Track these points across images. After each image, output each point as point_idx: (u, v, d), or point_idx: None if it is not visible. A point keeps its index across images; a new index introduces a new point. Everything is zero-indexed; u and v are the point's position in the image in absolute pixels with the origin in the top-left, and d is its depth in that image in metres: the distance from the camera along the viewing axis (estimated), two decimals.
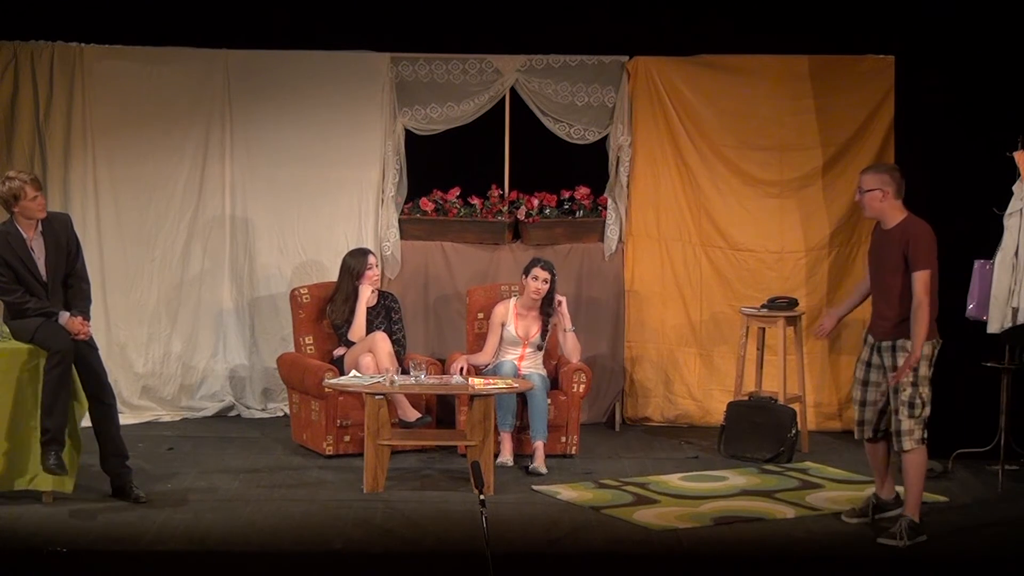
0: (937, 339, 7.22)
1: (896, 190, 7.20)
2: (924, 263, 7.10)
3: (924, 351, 7.12)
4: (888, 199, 7.20)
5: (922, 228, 7.18)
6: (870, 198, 7.24)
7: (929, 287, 7.11)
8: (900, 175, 7.27)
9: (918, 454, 7.17)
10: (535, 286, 8.83)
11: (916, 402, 7.14)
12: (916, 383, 7.13)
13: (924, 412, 7.15)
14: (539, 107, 9.88)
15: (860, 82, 9.77)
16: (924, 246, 7.12)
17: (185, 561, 6.76)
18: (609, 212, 9.89)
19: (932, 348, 7.18)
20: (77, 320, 7.53)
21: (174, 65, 9.80)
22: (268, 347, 9.94)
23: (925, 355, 7.14)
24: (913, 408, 7.14)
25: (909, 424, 7.14)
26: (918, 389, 7.13)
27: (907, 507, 7.21)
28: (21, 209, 7.46)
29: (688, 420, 9.95)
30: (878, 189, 7.21)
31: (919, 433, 7.15)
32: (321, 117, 9.87)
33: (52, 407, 7.42)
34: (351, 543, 6.99)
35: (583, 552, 7.00)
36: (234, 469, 8.43)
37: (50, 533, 6.99)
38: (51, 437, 7.40)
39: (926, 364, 7.16)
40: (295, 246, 9.98)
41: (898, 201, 7.22)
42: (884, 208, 7.22)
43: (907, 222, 7.20)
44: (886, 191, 7.19)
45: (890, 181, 7.20)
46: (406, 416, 8.64)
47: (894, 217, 7.22)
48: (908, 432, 7.14)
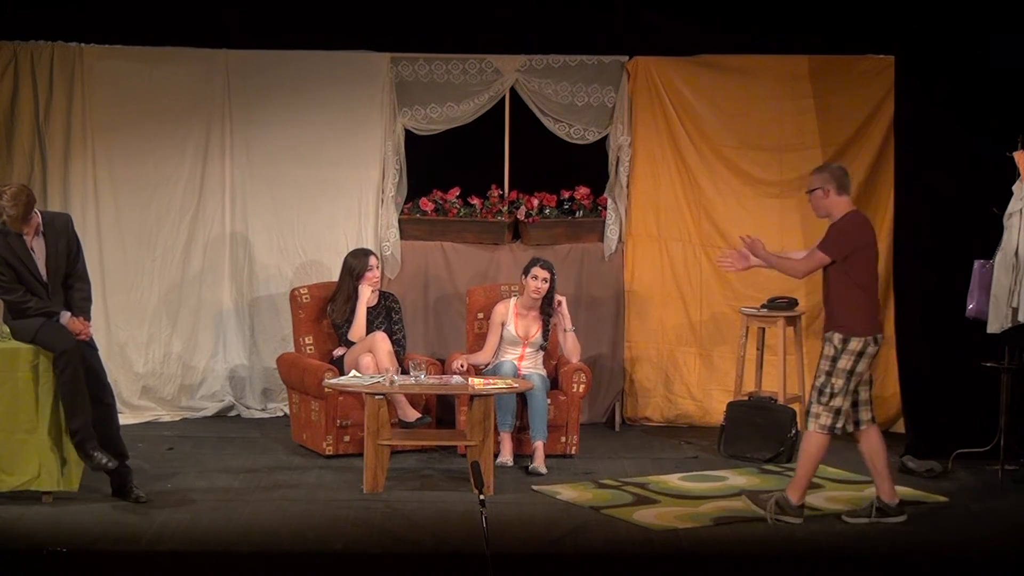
0: (873, 338, 7.34)
1: (837, 187, 7.41)
2: (825, 244, 7.33)
3: (851, 345, 7.29)
4: (831, 196, 7.41)
5: (847, 220, 7.38)
6: (814, 197, 7.48)
7: (813, 264, 7.37)
8: (842, 172, 7.48)
9: (819, 438, 7.36)
10: (535, 285, 8.83)
11: (825, 390, 7.33)
12: (831, 372, 7.32)
13: (834, 402, 7.32)
14: (539, 107, 9.88)
15: (860, 82, 9.77)
16: (836, 231, 7.34)
17: (185, 561, 6.76)
18: (609, 212, 9.89)
19: (862, 344, 7.31)
20: (78, 320, 7.54)
21: (174, 65, 9.80)
22: (268, 347, 9.94)
23: (850, 349, 7.30)
24: (822, 395, 7.35)
25: (816, 408, 7.37)
26: (831, 379, 7.32)
27: (789, 486, 7.43)
28: None
29: (688, 420, 9.95)
30: (820, 188, 7.43)
31: (825, 419, 7.33)
32: (321, 117, 9.88)
33: (73, 408, 7.43)
34: (351, 543, 6.99)
35: (583, 552, 7.00)
36: (234, 469, 8.43)
37: (50, 533, 6.99)
38: (82, 437, 7.44)
39: (848, 358, 7.31)
40: (295, 246, 9.98)
41: (842, 198, 7.43)
42: (828, 205, 7.44)
43: (842, 216, 7.41)
44: (827, 189, 7.41)
45: (830, 179, 7.42)
46: (406, 416, 8.64)
47: (839, 213, 7.43)
48: (815, 416, 7.38)
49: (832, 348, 7.33)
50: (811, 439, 7.39)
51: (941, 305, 8.74)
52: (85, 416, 7.46)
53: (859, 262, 7.34)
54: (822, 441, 7.38)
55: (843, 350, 7.30)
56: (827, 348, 7.36)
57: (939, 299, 8.77)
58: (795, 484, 7.43)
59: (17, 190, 7.41)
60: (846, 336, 7.30)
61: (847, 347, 7.29)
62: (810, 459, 7.40)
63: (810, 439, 7.40)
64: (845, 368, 7.31)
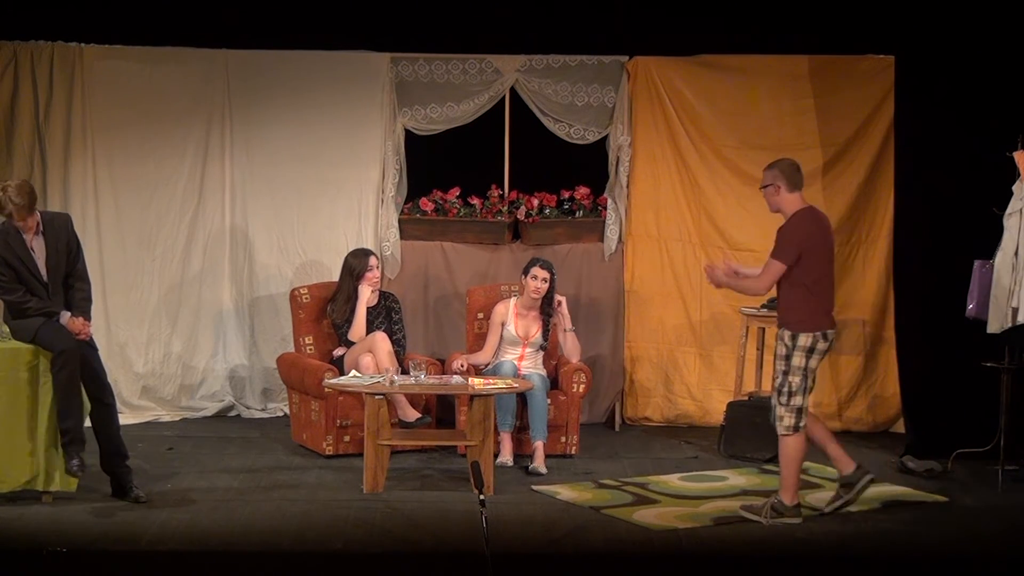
0: (822, 333, 7.36)
1: (788, 184, 7.43)
2: (776, 252, 7.34)
3: (800, 342, 7.31)
4: (782, 193, 7.43)
5: (794, 222, 7.39)
6: (766, 193, 7.51)
7: (771, 275, 7.35)
8: (793, 168, 7.48)
9: (791, 440, 7.38)
10: (534, 285, 8.83)
11: (783, 389, 7.35)
12: (787, 371, 7.35)
13: (795, 400, 7.33)
14: (539, 107, 9.88)
15: (860, 82, 9.77)
16: (783, 237, 7.35)
17: (185, 561, 6.76)
18: (609, 212, 9.89)
19: (811, 340, 7.34)
20: (78, 320, 7.54)
21: (174, 65, 9.80)
22: (268, 347, 9.94)
23: (800, 346, 7.32)
24: (781, 395, 7.36)
25: (780, 411, 7.39)
26: (788, 377, 7.35)
27: (781, 489, 7.44)
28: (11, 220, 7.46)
29: (688, 420, 9.95)
30: (771, 184, 7.47)
31: (789, 420, 7.35)
32: (321, 117, 9.87)
33: (67, 408, 7.44)
34: (351, 543, 6.99)
35: (583, 552, 7.00)
36: (234, 469, 8.43)
37: (50, 533, 6.99)
38: (71, 438, 7.44)
39: (800, 355, 7.33)
40: (295, 246, 9.98)
41: (793, 194, 7.45)
42: (779, 202, 7.47)
43: (791, 215, 7.43)
44: (778, 185, 7.44)
45: (780, 175, 7.45)
46: (406, 416, 8.64)
47: (790, 210, 7.45)
48: (779, 418, 7.39)
49: (784, 346, 7.37)
50: (784, 444, 7.41)
51: (941, 305, 8.74)
52: (77, 418, 7.46)
53: (807, 260, 7.34)
54: (795, 442, 7.40)
55: (794, 347, 7.34)
56: (779, 347, 7.40)
57: (939, 299, 8.77)
58: (784, 487, 7.46)
59: (21, 183, 7.49)
60: (794, 332, 7.34)
61: (797, 343, 7.33)
62: (790, 462, 7.42)
63: (784, 444, 7.42)
64: (800, 366, 7.34)
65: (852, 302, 9.85)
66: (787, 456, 7.42)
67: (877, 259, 9.83)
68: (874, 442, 9.50)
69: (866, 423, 9.88)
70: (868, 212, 9.85)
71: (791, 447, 7.40)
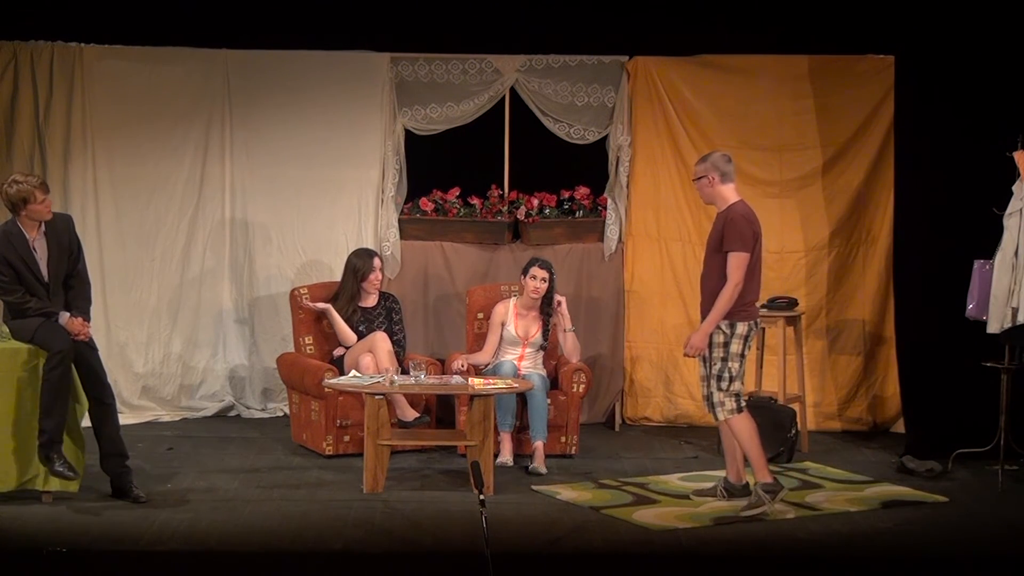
0: (755, 321, 7.59)
1: (722, 175, 7.56)
2: (735, 245, 7.43)
3: (738, 330, 7.49)
4: (715, 184, 7.56)
5: (739, 212, 7.52)
6: (699, 185, 7.64)
7: (739, 269, 7.44)
8: (726, 161, 7.61)
9: (738, 420, 7.57)
10: (533, 285, 8.83)
11: (724, 375, 7.52)
12: (726, 358, 7.52)
13: (733, 386, 7.53)
14: (539, 107, 9.88)
15: (860, 82, 9.77)
16: (736, 229, 7.45)
17: (185, 561, 6.76)
18: (609, 212, 9.89)
19: (747, 328, 7.53)
20: (77, 321, 7.54)
21: (174, 65, 9.80)
22: (268, 347, 9.94)
23: (739, 333, 7.51)
24: (720, 381, 7.53)
25: (719, 396, 7.55)
26: (727, 364, 7.52)
27: (755, 472, 7.56)
28: (28, 212, 7.47)
29: (688, 420, 9.95)
30: (704, 176, 7.59)
31: (731, 404, 7.55)
32: (321, 117, 9.88)
33: (51, 408, 7.42)
34: (351, 543, 6.99)
35: (583, 552, 7.00)
36: (234, 469, 8.43)
37: (50, 533, 6.99)
38: (48, 438, 7.40)
39: (739, 342, 7.52)
40: (295, 246, 9.98)
41: (727, 186, 7.60)
42: (713, 194, 7.61)
43: (731, 207, 7.55)
44: (712, 177, 7.57)
45: (713, 167, 7.58)
46: (404, 416, 8.65)
47: (723, 202, 7.59)
48: (719, 403, 7.56)
49: (722, 334, 7.51)
50: (734, 424, 7.57)
51: (941, 305, 8.74)
52: (59, 419, 7.43)
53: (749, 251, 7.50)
54: (744, 421, 7.58)
55: (732, 335, 7.51)
56: (716, 336, 7.51)
57: (939, 299, 8.77)
58: (757, 468, 7.56)
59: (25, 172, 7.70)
60: (732, 321, 7.50)
61: (735, 332, 7.51)
62: (748, 437, 7.58)
63: (733, 425, 7.58)
64: (738, 352, 7.54)
65: (852, 302, 9.86)
66: (743, 436, 7.59)
67: (877, 259, 9.83)
68: (874, 442, 9.50)
69: (866, 423, 9.88)
70: (868, 212, 9.85)
71: (742, 427, 7.58)
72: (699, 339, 7.54)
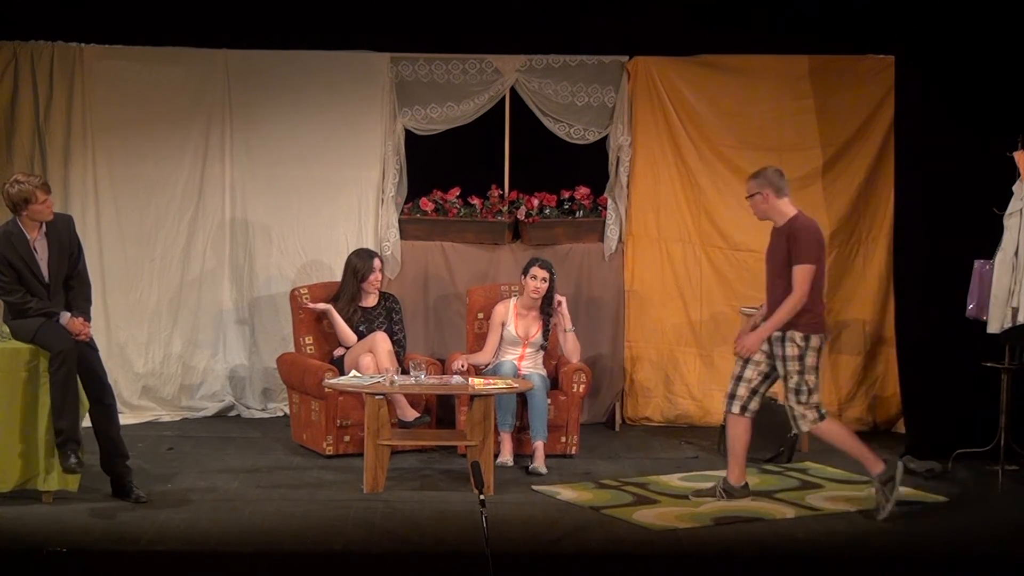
0: (824, 334, 7.65)
1: (776, 190, 7.62)
2: (803, 258, 7.48)
3: (812, 343, 7.56)
4: (770, 200, 7.62)
5: (805, 225, 7.58)
6: (754, 202, 7.70)
7: (806, 281, 7.49)
8: (779, 175, 7.67)
9: (824, 428, 7.63)
10: (534, 285, 8.83)
11: (802, 389, 7.57)
12: (803, 371, 7.57)
13: (812, 398, 7.59)
14: (539, 107, 9.88)
15: (860, 82, 9.77)
16: (805, 241, 7.50)
17: (185, 561, 6.76)
18: (609, 212, 9.89)
19: (820, 341, 7.60)
20: (78, 321, 7.54)
21: (174, 65, 9.80)
22: (268, 347, 9.94)
23: (813, 346, 7.57)
24: (799, 394, 7.58)
25: (800, 409, 7.60)
26: (804, 377, 7.56)
27: (869, 468, 7.58)
28: (30, 212, 7.47)
29: (688, 420, 9.95)
30: (759, 192, 7.66)
31: (812, 415, 7.60)
32: (321, 117, 9.88)
33: (62, 408, 7.43)
34: (351, 543, 6.99)
35: (583, 552, 7.00)
36: (234, 469, 8.43)
37: (50, 533, 6.99)
38: (66, 437, 7.43)
39: (813, 355, 7.58)
40: (295, 246, 9.98)
41: (782, 200, 7.65)
42: (768, 209, 7.67)
43: (793, 220, 7.61)
44: (766, 193, 7.63)
45: (767, 183, 7.64)
46: (404, 416, 8.65)
47: (782, 216, 7.64)
48: (801, 416, 7.62)
49: (796, 347, 7.54)
50: (824, 432, 7.62)
51: (941, 305, 8.74)
52: (73, 418, 7.45)
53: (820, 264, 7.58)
54: (833, 426, 7.67)
55: (807, 347, 7.56)
56: (790, 348, 7.54)
57: (939, 299, 8.77)
58: (866, 462, 7.59)
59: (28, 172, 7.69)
60: (806, 334, 7.54)
61: (809, 344, 7.56)
62: (843, 438, 7.64)
63: (821, 432, 7.62)
64: (813, 365, 7.59)
65: (852, 302, 9.86)
66: (835, 440, 7.65)
67: (877, 259, 9.83)
68: (874, 442, 9.43)
69: (866, 423, 9.88)
70: (868, 212, 9.85)
71: (833, 431, 7.65)
72: (753, 341, 7.60)
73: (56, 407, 7.44)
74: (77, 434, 7.48)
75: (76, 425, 7.48)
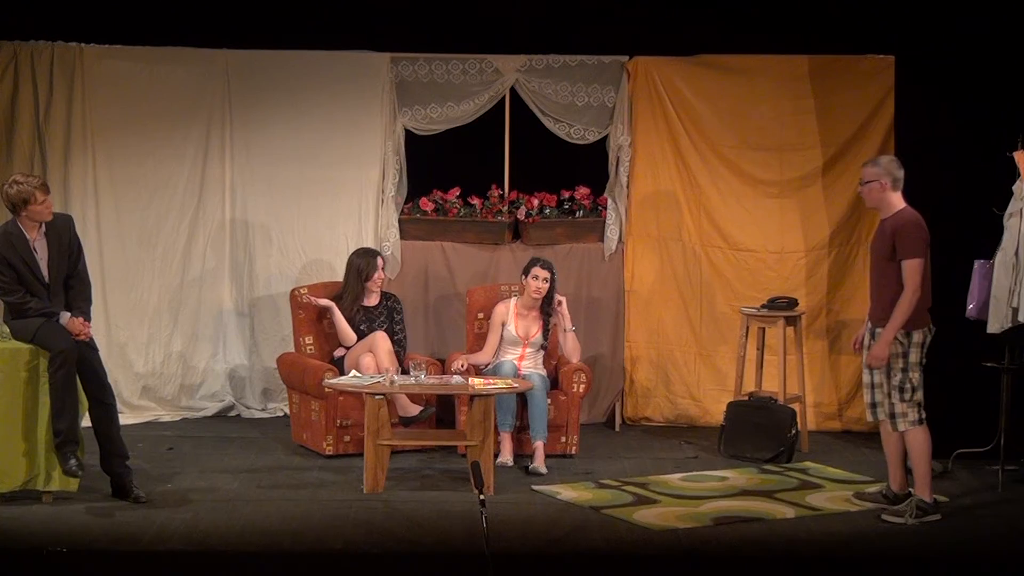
0: (929, 328, 7.54)
1: (893, 182, 7.53)
2: (910, 252, 7.42)
3: (915, 339, 7.47)
4: (886, 191, 7.54)
5: (910, 219, 7.49)
6: (868, 189, 7.60)
7: (916, 275, 7.42)
8: (898, 167, 7.59)
9: (916, 434, 7.52)
10: (535, 285, 8.83)
11: (906, 386, 7.48)
12: (906, 368, 7.48)
13: (916, 396, 7.50)
14: (539, 107, 9.88)
15: (860, 82, 9.76)
16: (910, 236, 7.43)
17: (185, 561, 6.76)
18: (609, 212, 9.89)
19: (923, 336, 7.51)
20: (78, 321, 7.54)
21: (174, 65, 9.80)
22: (268, 347, 9.94)
23: (915, 342, 7.48)
24: (903, 392, 7.48)
25: (902, 407, 7.50)
26: (908, 374, 7.48)
27: (916, 487, 7.55)
28: (29, 213, 7.48)
29: (688, 420, 9.95)
30: (876, 181, 7.56)
31: (913, 415, 7.49)
32: (321, 117, 9.87)
33: (62, 408, 7.44)
34: (351, 543, 6.99)
35: (583, 552, 7.00)
36: (234, 469, 8.43)
37: (50, 533, 6.99)
38: (65, 438, 7.44)
39: (916, 351, 7.49)
40: (295, 246, 9.98)
41: (896, 193, 7.56)
42: (882, 199, 7.57)
43: (900, 213, 7.52)
44: (884, 183, 7.54)
45: (886, 173, 7.55)
46: (406, 412, 8.64)
47: (891, 208, 7.55)
48: (902, 415, 7.51)
49: (899, 345, 7.46)
50: (910, 438, 7.53)
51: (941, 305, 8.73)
52: (72, 418, 7.46)
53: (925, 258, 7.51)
54: (922, 435, 7.53)
55: (909, 344, 7.48)
56: (893, 347, 7.46)
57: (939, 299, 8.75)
58: (920, 484, 7.53)
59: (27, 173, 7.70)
60: (908, 331, 7.46)
61: (912, 340, 7.48)
62: (922, 454, 7.53)
63: (909, 439, 7.54)
64: (916, 361, 7.52)
65: (852, 302, 9.85)
66: (917, 451, 7.54)
67: None
68: (874, 442, 9.44)
69: (866, 423, 9.85)
70: (868, 212, 9.82)
71: (920, 441, 7.54)
72: (881, 350, 7.46)
73: (56, 408, 7.44)
74: (76, 435, 7.49)
75: (75, 426, 7.49)
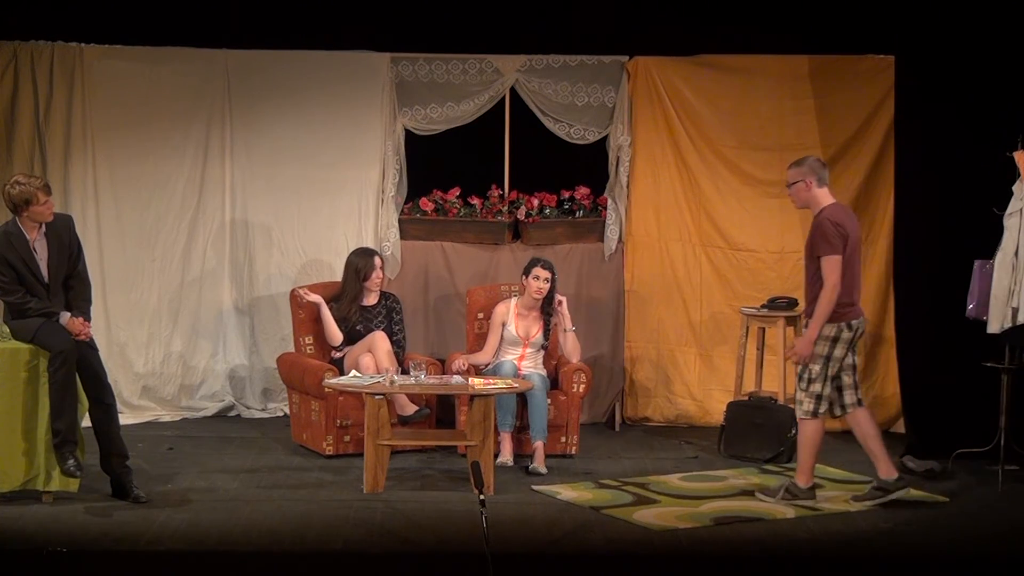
0: (848, 323, 7.60)
1: (818, 180, 7.65)
2: (826, 249, 7.51)
3: (824, 332, 7.53)
4: (812, 189, 7.65)
5: (828, 216, 7.57)
6: (795, 190, 7.72)
7: (833, 272, 7.49)
8: (822, 165, 7.73)
9: (807, 425, 7.68)
10: (536, 286, 8.83)
11: (804, 376, 7.63)
12: (814, 359, 7.59)
13: (813, 387, 7.62)
14: (539, 107, 9.88)
15: (860, 82, 9.77)
16: (826, 233, 7.52)
17: (185, 561, 6.76)
18: (609, 212, 9.89)
19: (837, 330, 7.58)
20: (78, 321, 7.54)
21: (174, 65, 9.80)
22: (268, 347, 9.94)
23: (824, 335, 7.55)
24: (801, 380, 7.65)
25: (800, 395, 7.74)
26: (809, 364, 7.59)
27: (797, 472, 7.77)
28: (30, 213, 7.48)
29: (688, 420, 9.95)
30: (801, 180, 7.68)
31: (808, 405, 7.64)
32: (321, 117, 9.88)
33: (61, 408, 7.44)
34: (351, 543, 6.99)
35: (583, 552, 7.00)
36: (234, 469, 8.43)
37: (50, 533, 6.99)
38: (63, 438, 7.44)
39: (824, 344, 7.57)
40: (295, 246, 9.98)
41: (822, 190, 7.67)
42: (809, 198, 7.69)
43: (821, 211, 7.63)
44: (809, 182, 7.66)
45: (810, 172, 7.66)
46: (403, 411, 8.64)
47: (818, 206, 7.67)
48: (799, 403, 7.74)
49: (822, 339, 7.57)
50: (802, 427, 7.73)
51: (941, 305, 8.74)
52: (71, 419, 7.46)
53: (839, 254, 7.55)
54: (812, 426, 7.69)
55: (818, 336, 7.55)
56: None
57: (939, 299, 8.77)
58: (800, 469, 7.78)
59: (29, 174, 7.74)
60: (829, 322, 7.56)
61: (821, 333, 7.55)
62: (805, 445, 7.72)
63: (802, 427, 7.73)
64: (821, 354, 7.58)
65: None
66: (803, 439, 7.72)
67: (877, 259, 9.82)
68: None
69: None
70: (868, 212, 9.84)
71: (808, 431, 7.69)
72: (803, 347, 7.59)
73: (55, 408, 7.44)
74: (75, 435, 7.49)
75: (74, 426, 7.49)
